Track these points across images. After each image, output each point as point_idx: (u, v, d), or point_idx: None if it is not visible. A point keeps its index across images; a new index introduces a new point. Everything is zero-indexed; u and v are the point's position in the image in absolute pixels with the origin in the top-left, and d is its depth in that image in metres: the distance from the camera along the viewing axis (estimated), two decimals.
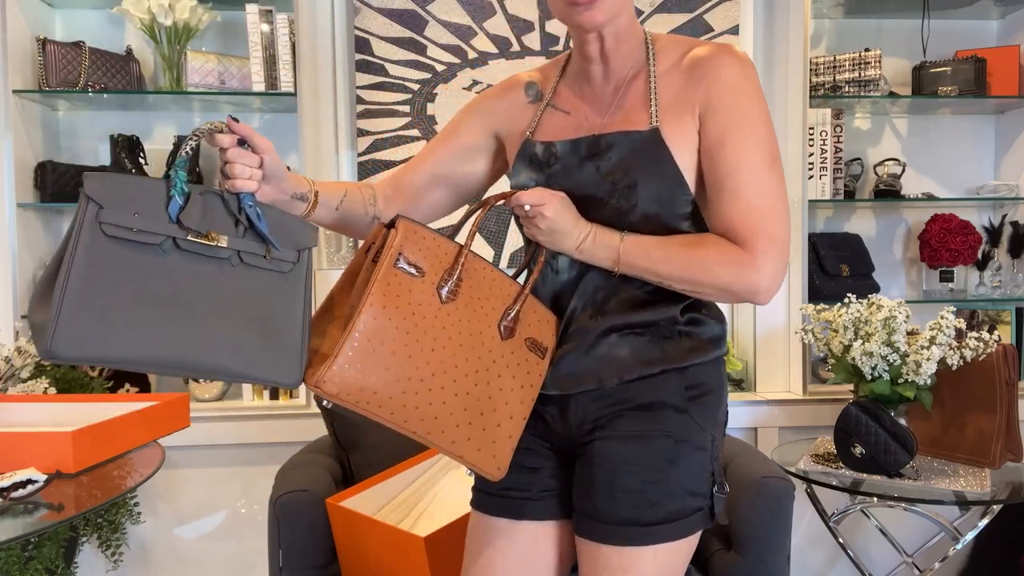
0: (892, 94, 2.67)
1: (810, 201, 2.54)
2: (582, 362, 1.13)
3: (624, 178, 1.10)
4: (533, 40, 2.59)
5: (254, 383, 0.99)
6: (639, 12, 2.60)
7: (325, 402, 0.94)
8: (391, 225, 1.03)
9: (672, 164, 1.08)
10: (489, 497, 1.23)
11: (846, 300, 2.13)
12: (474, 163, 1.30)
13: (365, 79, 2.54)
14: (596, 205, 1.12)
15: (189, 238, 0.90)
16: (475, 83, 2.58)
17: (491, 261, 1.19)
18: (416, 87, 2.57)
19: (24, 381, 1.97)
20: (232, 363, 0.92)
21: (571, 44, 1.21)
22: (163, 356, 0.87)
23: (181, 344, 0.89)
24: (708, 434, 1.13)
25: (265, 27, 2.41)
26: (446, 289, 1.04)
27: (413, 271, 1.01)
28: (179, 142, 2.45)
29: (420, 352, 1.00)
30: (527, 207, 1.09)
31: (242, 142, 0.99)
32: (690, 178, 1.10)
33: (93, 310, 0.84)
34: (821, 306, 2.18)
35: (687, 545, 1.12)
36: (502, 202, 1.13)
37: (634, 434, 1.11)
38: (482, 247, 2.55)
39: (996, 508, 2.03)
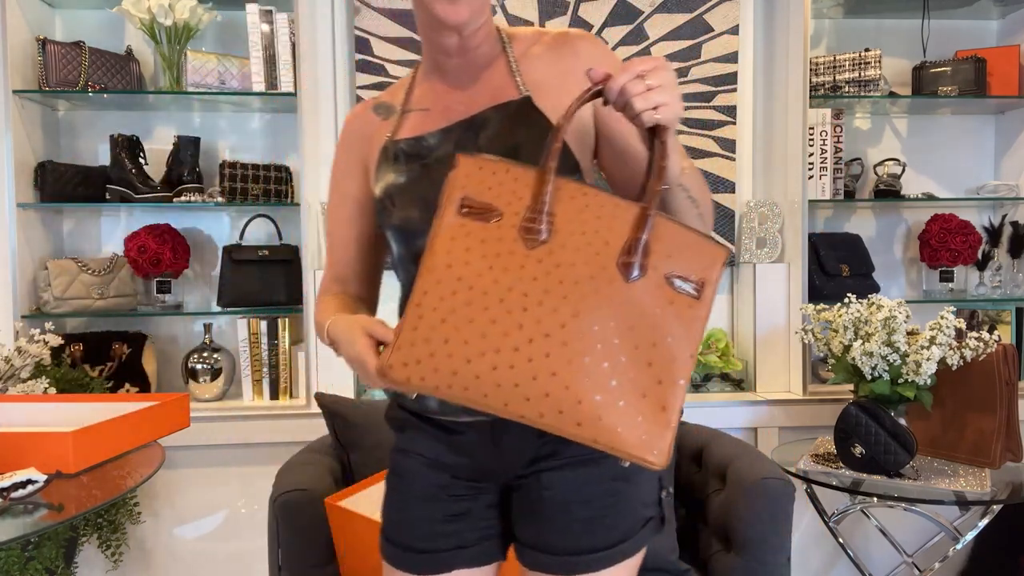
0: (892, 94, 2.67)
1: (810, 201, 2.54)
2: None
3: (504, 146, 1.03)
4: None
5: None
6: (639, 12, 2.61)
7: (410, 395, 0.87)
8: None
9: (549, 126, 1.04)
10: (407, 553, 1.10)
11: (846, 300, 2.13)
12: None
13: (365, 79, 2.54)
14: None
15: None
16: None
17: None
18: None
19: (24, 381, 1.97)
20: None
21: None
22: None
23: None
24: None
25: (265, 27, 2.41)
26: (539, 228, 0.83)
27: (486, 215, 0.83)
28: (178, 142, 2.45)
29: (507, 313, 0.81)
30: (645, 78, 0.84)
31: None
32: (573, 143, 1.05)
33: None
34: (821, 306, 2.18)
35: (640, 556, 1.10)
36: (592, 98, 0.87)
37: (583, 458, 1.05)
38: None
39: (996, 508, 2.03)
